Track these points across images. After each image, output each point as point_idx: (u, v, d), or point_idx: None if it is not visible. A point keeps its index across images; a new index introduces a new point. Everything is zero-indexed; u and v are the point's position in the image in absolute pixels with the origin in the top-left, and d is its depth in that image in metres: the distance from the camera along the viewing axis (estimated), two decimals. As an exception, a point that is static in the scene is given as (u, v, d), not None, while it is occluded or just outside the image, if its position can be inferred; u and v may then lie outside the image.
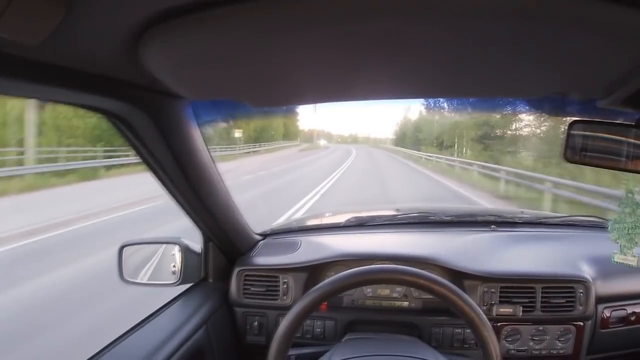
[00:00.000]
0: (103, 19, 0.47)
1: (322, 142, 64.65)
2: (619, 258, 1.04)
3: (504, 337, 1.23)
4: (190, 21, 0.47)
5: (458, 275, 1.26)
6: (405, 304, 1.30)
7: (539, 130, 18.18)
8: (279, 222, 1.86)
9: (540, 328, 1.22)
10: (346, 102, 0.95)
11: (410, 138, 39.67)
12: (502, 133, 21.49)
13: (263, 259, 1.38)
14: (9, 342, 2.92)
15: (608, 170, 0.87)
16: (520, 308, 1.20)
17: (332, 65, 0.64)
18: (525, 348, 1.22)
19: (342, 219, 1.69)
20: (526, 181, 9.83)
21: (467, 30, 0.48)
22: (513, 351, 1.23)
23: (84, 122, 14.96)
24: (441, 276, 1.23)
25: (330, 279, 0.84)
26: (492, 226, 1.58)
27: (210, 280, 1.35)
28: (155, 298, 1.32)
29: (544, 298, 1.21)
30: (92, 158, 14.12)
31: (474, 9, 0.42)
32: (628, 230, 1.03)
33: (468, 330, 1.19)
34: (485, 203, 8.70)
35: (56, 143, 14.26)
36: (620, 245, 1.03)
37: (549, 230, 1.63)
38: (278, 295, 1.30)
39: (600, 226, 1.58)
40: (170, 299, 1.24)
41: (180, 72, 0.65)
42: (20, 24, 0.40)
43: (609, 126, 0.88)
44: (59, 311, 3.38)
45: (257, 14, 0.45)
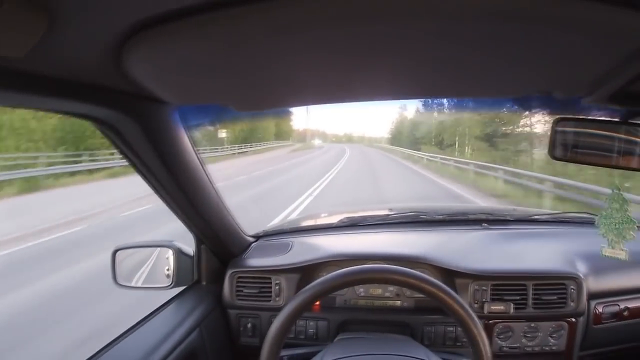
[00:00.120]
0: (86, 28, 0.47)
1: (317, 142, 64.16)
2: (607, 252, 1.05)
3: (496, 335, 1.23)
4: (173, 28, 0.47)
5: (449, 274, 1.26)
6: (398, 303, 1.31)
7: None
8: (271, 224, 1.85)
9: (533, 325, 1.23)
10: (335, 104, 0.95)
11: (406, 137, 38.55)
12: (512, 130, 19.45)
13: (255, 261, 1.38)
14: None
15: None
16: (512, 305, 1.21)
17: (317, 69, 0.64)
18: (518, 345, 1.23)
19: (335, 219, 1.69)
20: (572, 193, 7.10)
21: (454, 33, 0.48)
22: (506, 348, 1.23)
23: (43, 124, 13.46)
24: (433, 275, 1.25)
25: (320, 279, 0.84)
26: (484, 224, 1.59)
27: (204, 282, 1.35)
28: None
29: (536, 295, 1.22)
30: (53, 164, 12.33)
31: (462, 12, 0.43)
32: (616, 225, 1.04)
33: (460, 329, 1.20)
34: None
35: (14, 148, 12.59)
36: (608, 240, 1.04)
37: (541, 228, 1.64)
38: (271, 296, 1.31)
39: (591, 222, 1.58)
40: (164, 301, 1.24)
41: (164, 79, 0.65)
42: (3, 37, 0.40)
43: (595, 123, 0.88)
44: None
45: (239, 20, 0.45)
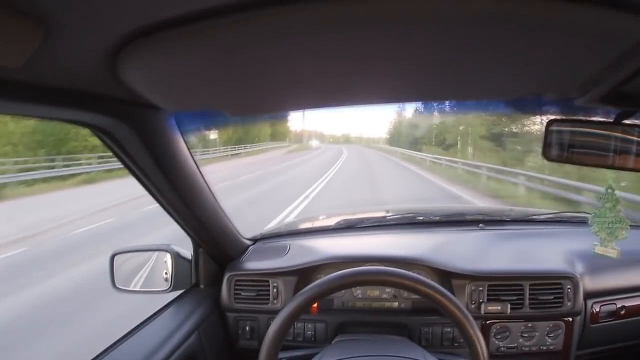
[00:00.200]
0: (82, 38, 0.48)
1: (314, 143, 63.90)
2: (599, 250, 1.06)
3: (493, 335, 1.23)
4: (167, 37, 0.48)
5: (446, 275, 1.27)
6: (395, 304, 1.31)
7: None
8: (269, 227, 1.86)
9: (530, 325, 1.23)
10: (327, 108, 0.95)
11: (405, 137, 37.42)
12: (521, 129, 17.43)
13: (253, 264, 1.38)
14: None
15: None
16: (509, 305, 1.21)
17: (312, 73, 0.64)
18: (515, 345, 1.24)
19: (332, 221, 1.70)
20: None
21: (448, 37, 0.49)
22: (503, 348, 1.24)
23: (20, 126, 12.72)
24: (429, 276, 1.25)
25: (318, 281, 0.85)
26: (480, 225, 1.60)
27: (202, 286, 1.35)
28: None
29: (532, 295, 1.22)
30: (32, 169, 11.61)
31: (456, 17, 0.44)
32: (608, 224, 1.05)
33: (457, 329, 1.21)
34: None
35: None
36: (600, 238, 1.05)
37: (537, 228, 1.64)
38: (269, 299, 1.31)
39: (587, 222, 1.61)
40: (162, 305, 1.24)
41: (159, 86, 0.65)
42: (1, 48, 0.41)
43: (587, 124, 0.89)
44: None
45: (232, 28, 0.46)
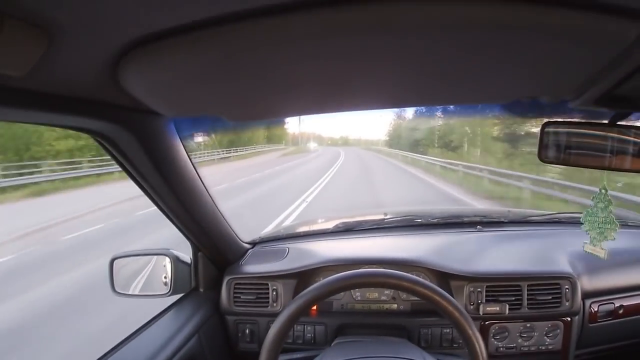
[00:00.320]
0: (84, 47, 0.50)
1: (312, 145, 63.68)
2: (588, 248, 1.06)
3: (492, 335, 1.25)
4: (167, 45, 0.49)
5: (445, 277, 1.28)
6: (394, 306, 1.32)
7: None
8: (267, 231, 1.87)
9: (528, 325, 1.24)
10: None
11: (405, 139, 36.06)
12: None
13: (252, 267, 1.39)
14: None
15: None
16: (507, 306, 1.23)
17: (310, 80, 0.66)
18: (514, 345, 1.25)
19: (330, 225, 1.70)
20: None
21: (443, 43, 0.50)
22: (502, 349, 1.25)
23: None
24: (428, 278, 1.27)
25: (317, 284, 0.85)
26: (478, 227, 1.61)
27: (201, 289, 1.36)
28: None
29: (530, 295, 1.23)
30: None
31: (451, 23, 0.45)
32: (599, 224, 1.06)
33: (455, 330, 1.22)
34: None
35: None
36: (590, 237, 1.06)
37: (535, 229, 1.65)
38: (268, 302, 1.32)
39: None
40: (162, 309, 1.25)
41: (158, 92, 0.67)
42: (5, 57, 0.42)
43: (583, 125, 0.90)
44: None
45: (231, 35, 0.47)
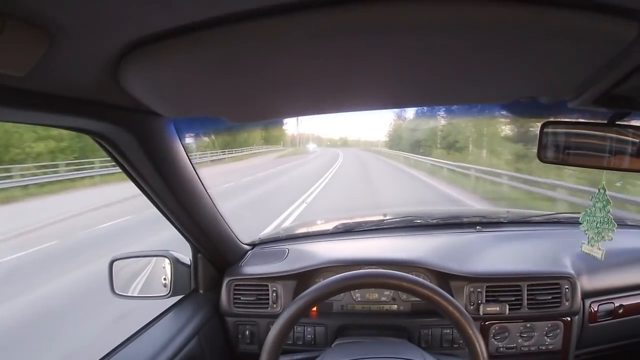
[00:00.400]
0: (84, 48, 0.50)
1: (311, 146, 63.39)
2: (586, 248, 1.06)
3: (492, 336, 1.25)
4: (167, 45, 0.50)
5: (445, 277, 1.28)
6: (394, 307, 1.32)
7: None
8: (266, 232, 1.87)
9: (528, 325, 1.24)
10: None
11: (406, 140, 34.35)
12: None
13: (252, 269, 1.39)
14: None
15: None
16: (507, 306, 1.23)
17: (310, 80, 0.66)
18: (514, 345, 1.25)
19: (330, 226, 1.70)
20: None
21: (442, 44, 0.51)
22: (502, 349, 1.25)
23: None
24: (428, 278, 1.27)
25: (317, 285, 0.85)
26: (478, 227, 1.61)
27: (201, 291, 1.36)
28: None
29: (530, 295, 1.23)
30: None
31: (451, 25, 0.46)
32: (597, 224, 1.05)
33: (456, 330, 1.22)
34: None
35: None
36: (588, 237, 1.06)
37: (534, 229, 1.65)
38: (268, 303, 1.32)
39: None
40: (162, 311, 1.25)
41: (159, 93, 0.67)
42: (6, 58, 0.42)
43: (582, 125, 0.90)
44: None
45: (231, 36, 0.48)
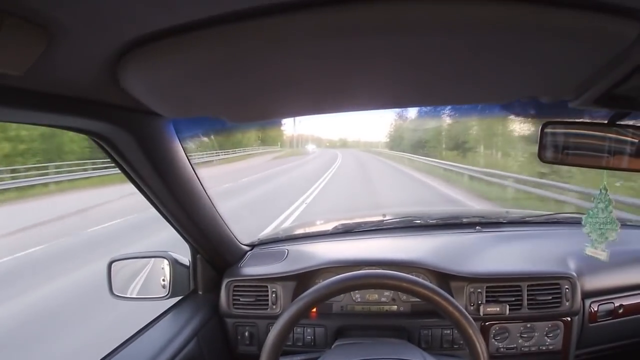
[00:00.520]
0: (82, 47, 0.49)
1: (310, 147, 63.05)
2: (589, 251, 1.06)
3: (492, 336, 1.24)
4: (167, 45, 0.49)
5: (445, 277, 1.27)
6: (394, 307, 1.31)
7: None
8: (266, 232, 1.86)
9: (529, 325, 1.24)
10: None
11: (409, 140, 33.13)
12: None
13: (251, 269, 1.38)
14: None
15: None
16: (507, 306, 1.22)
17: (310, 80, 0.65)
18: (515, 345, 1.24)
19: (329, 226, 1.70)
20: None
21: (443, 43, 0.50)
22: (502, 349, 1.24)
23: None
24: (428, 279, 1.26)
25: (316, 286, 0.85)
26: (477, 227, 1.61)
27: (200, 292, 1.35)
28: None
29: (530, 296, 1.23)
30: None
31: (450, 24, 0.45)
32: (600, 225, 1.04)
33: (456, 331, 1.22)
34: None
35: None
36: (591, 239, 1.05)
37: (534, 229, 1.65)
38: (267, 304, 1.31)
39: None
40: (161, 312, 1.24)
41: (158, 93, 0.66)
42: (4, 56, 0.42)
43: (582, 126, 0.90)
44: None
45: (231, 36, 0.47)
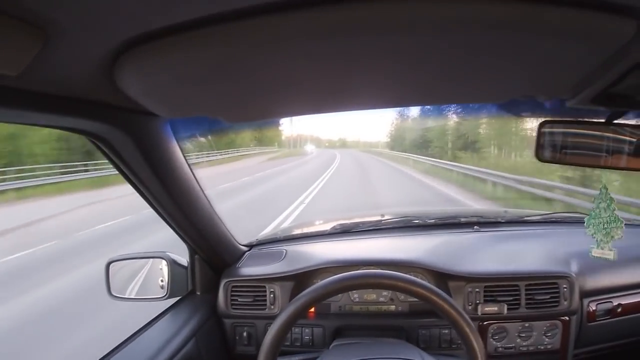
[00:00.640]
0: (79, 47, 0.48)
1: (309, 148, 63.02)
2: (596, 252, 1.05)
3: (490, 336, 1.24)
4: (163, 44, 0.48)
5: (443, 277, 1.27)
6: (392, 307, 1.31)
7: None
8: (264, 233, 1.85)
9: (527, 325, 1.24)
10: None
11: (411, 140, 32.48)
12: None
13: (249, 270, 1.38)
14: None
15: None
16: (505, 306, 1.22)
17: (308, 79, 0.65)
18: (513, 345, 1.24)
19: (328, 226, 1.70)
20: None
21: (440, 42, 0.50)
22: (501, 349, 1.24)
23: None
24: (426, 279, 1.26)
25: (314, 286, 0.85)
26: (475, 227, 1.61)
27: (198, 292, 1.35)
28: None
29: (528, 295, 1.23)
30: None
31: (447, 23, 0.45)
32: (604, 225, 1.04)
33: (454, 330, 1.21)
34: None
35: None
36: (596, 240, 1.04)
37: (532, 229, 1.65)
38: (265, 304, 1.31)
39: (582, 222, 1.60)
40: (159, 312, 1.24)
41: (155, 93, 0.66)
42: None
43: (579, 125, 0.90)
44: None
45: (228, 35, 0.46)
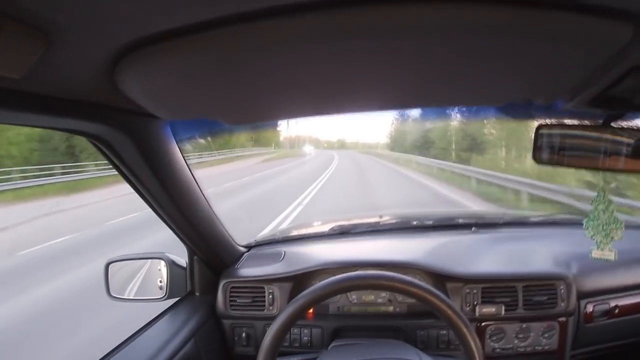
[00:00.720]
0: (81, 50, 0.49)
1: (307, 149, 62.86)
2: (596, 254, 1.04)
3: (488, 337, 1.24)
4: (165, 47, 0.49)
5: (441, 278, 1.27)
6: (390, 308, 1.31)
7: None
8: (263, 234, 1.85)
9: (524, 326, 1.24)
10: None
11: (411, 141, 30.77)
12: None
13: (248, 271, 1.38)
14: None
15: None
16: (503, 307, 1.23)
17: (307, 82, 0.65)
18: (511, 346, 1.24)
19: (326, 227, 1.70)
20: None
21: (438, 46, 0.50)
22: (498, 350, 1.24)
23: None
24: (424, 280, 1.26)
25: (312, 287, 0.85)
26: (474, 228, 1.61)
27: (197, 293, 1.35)
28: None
29: (526, 296, 1.23)
30: None
31: (445, 27, 0.45)
32: (603, 227, 1.04)
33: (452, 331, 1.22)
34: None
35: None
36: (596, 242, 1.04)
37: (530, 230, 1.66)
38: (264, 305, 1.31)
39: (579, 223, 1.61)
40: (158, 313, 1.24)
41: (155, 95, 0.66)
42: (2, 59, 0.41)
43: (577, 127, 0.90)
44: None
45: (228, 39, 0.47)
